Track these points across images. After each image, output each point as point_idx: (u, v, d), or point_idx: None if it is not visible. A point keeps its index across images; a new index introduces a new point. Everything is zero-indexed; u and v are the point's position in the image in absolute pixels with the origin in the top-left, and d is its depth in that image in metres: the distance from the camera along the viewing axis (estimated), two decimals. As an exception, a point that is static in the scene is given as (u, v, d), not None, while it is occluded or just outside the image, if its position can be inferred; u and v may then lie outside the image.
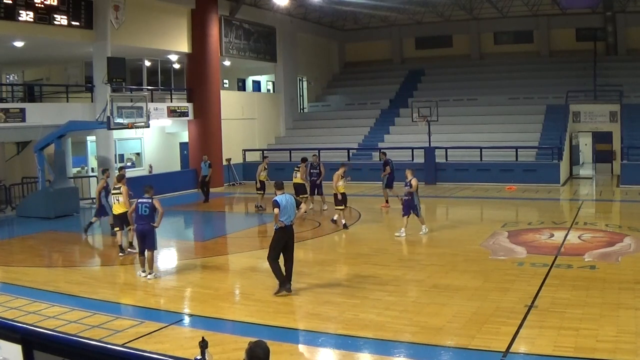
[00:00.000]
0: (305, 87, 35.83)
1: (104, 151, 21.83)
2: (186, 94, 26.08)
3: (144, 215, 11.20)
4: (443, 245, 13.78)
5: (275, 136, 31.85)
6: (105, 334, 8.09)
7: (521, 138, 26.20)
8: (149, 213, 11.20)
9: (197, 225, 19.55)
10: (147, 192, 11.44)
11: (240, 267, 12.81)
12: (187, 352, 7.11)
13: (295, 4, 29.43)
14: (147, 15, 23.14)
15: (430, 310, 8.99)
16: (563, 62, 31.74)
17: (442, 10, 33.22)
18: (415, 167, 25.78)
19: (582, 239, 13.80)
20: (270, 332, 8.19)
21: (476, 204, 21.01)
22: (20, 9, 18.41)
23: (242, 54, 28.70)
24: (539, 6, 31.29)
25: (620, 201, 20.79)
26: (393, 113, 31.46)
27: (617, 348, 7.24)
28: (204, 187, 22.06)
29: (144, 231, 11.28)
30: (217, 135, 26.23)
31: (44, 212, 18.76)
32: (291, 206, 10.14)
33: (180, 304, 10.01)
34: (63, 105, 21.68)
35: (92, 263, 13.79)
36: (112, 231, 14.64)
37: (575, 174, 27.70)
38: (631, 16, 30.85)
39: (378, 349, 7.63)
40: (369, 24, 36.42)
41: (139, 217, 11.29)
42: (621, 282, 10.09)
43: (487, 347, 7.43)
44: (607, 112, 27.19)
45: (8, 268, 12.55)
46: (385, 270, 11.49)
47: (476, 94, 30.82)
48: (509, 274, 10.92)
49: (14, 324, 3.47)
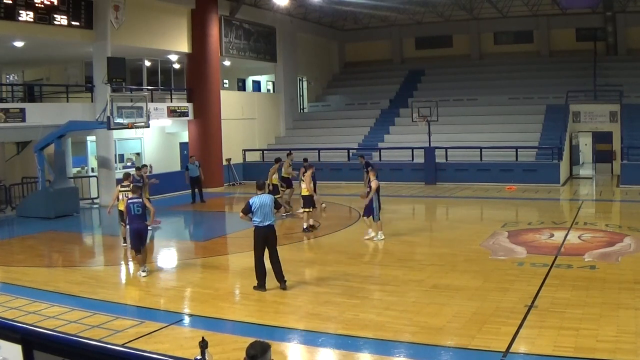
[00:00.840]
0: (305, 87, 35.83)
1: (104, 151, 21.84)
2: (186, 94, 26.09)
3: (138, 214, 11.47)
4: (443, 245, 13.78)
5: (275, 136, 31.85)
6: (105, 334, 8.09)
7: (521, 138, 26.20)
8: (142, 212, 11.51)
9: (197, 225, 19.54)
10: (134, 192, 11.85)
11: (240, 267, 12.80)
12: (187, 352, 7.11)
13: (295, 4, 29.43)
14: (147, 15, 23.15)
15: (430, 310, 8.99)
16: (563, 62, 31.74)
17: (442, 10, 33.22)
18: (415, 167, 26.23)
19: (582, 239, 13.80)
20: (270, 332, 8.19)
21: (476, 204, 21.01)
22: (20, 9, 18.41)
23: (242, 54, 28.70)
24: (539, 6, 31.29)
25: (620, 201, 20.78)
26: (393, 113, 31.47)
27: (617, 348, 7.23)
28: (194, 188, 21.91)
29: (140, 229, 11.56)
30: (217, 135, 26.23)
31: (44, 212, 18.76)
32: (267, 207, 10.24)
33: (180, 304, 10.01)
34: (63, 105, 21.68)
35: (92, 263, 13.79)
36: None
37: (575, 174, 27.71)
38: (631, 16, 30.85)
39: (378, 349, 7.62)
40: (369, 24, 36.43)
41: (134, 217, 11.52)
42: (621, 282, 10.09)
43: (487, 347, 7.43)
44: (607, 112, 27.20)
45: (8, 268, 12.54)
46: (385, 270, 11.49)
47: (476, 94, 30.82)
48: (509, 274, 10.92)
49: (14, 324, 3.47)
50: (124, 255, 13.65)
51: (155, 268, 12.39)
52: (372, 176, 14.50)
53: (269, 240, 10.34)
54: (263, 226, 10.23)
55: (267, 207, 10.25)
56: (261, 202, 10.24)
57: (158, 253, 14.43)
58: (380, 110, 32.37)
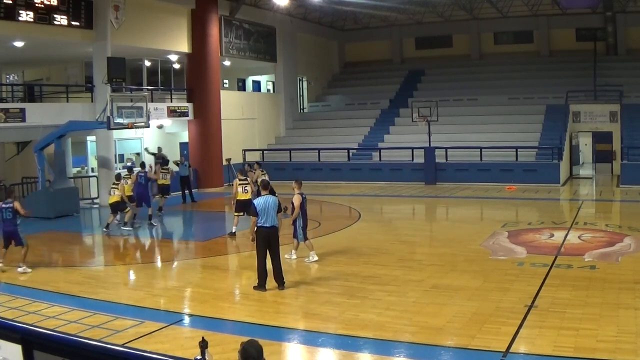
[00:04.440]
0: (305, 87, 35.82)
1: (104, 151, 21.83)
2: (186, 94, 26.09)
3: (8, 219, 11.94)
4: (443, 245, 13.78)
5: (275, 136, 31.85)
6: (105, 334, 8.09)
7: (521, 138, 26.20)
8: (12, 217, 11.93)
9: (196, 225, 19.55)
10: (9, 196, 12.44)
11: (240, 267, 12.82)
12: (187, 352, 7.11)
13: (295, 4, 29.43)
14: (147, 15, 23.14)
15: (430, 310, 8.99)
16: (563, 62, 31.73)
17: (442, 10, 33.22)
18: (415, 167, 26.23)
19: (582, 239, 13.80)
20: (270, 332, 8.19)
21: (476, 204, 21.01)
22: (20, 9, 18.41)
23: (242, 54, 28.70)
24: (539, 6, 31.29)
25: (620, 201, 20.79)
26: (393, 113, 31.46)
27: (617, 348, 7.23)
28: (184, 188, 21.85)
29: (10, 232, 12.00)
30: (217, 135, 26.23)
31: (44, 212, 18.73)
32: (271, 208, 10.25)
33: (180, 304, 10.01)
34: (63, 105, 21.67)
35: (92, 263, 13.79)
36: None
37: (575, 174, 27.71)
38: (631, 16, 30.85)
39: (378, 349, 7.62)
40: (369, 24, 36.42)
41: (5, 221, 12.01)
42: (621, 282, 10.09)
43: (487, 347, 7.42)
44: (607, 112, 27.20)
45: (8, 268, 12.53)
46: (385, 270, 11.48)
47: (476, 94, 30.81)
48: (509, 274, 10.92)
49: (14, 324, 3.47)
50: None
51: (155, 268, 12.39)
52: (296, 189, 12.01)
53: (272, 241, 10.32)
54: (266, 227, 10.21)
55: (270, 208, 10.26)
56: (265, 204, 10.25)
57: (158, 253, 14.43)
58: (380, 110, 32.37)
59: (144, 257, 14.38)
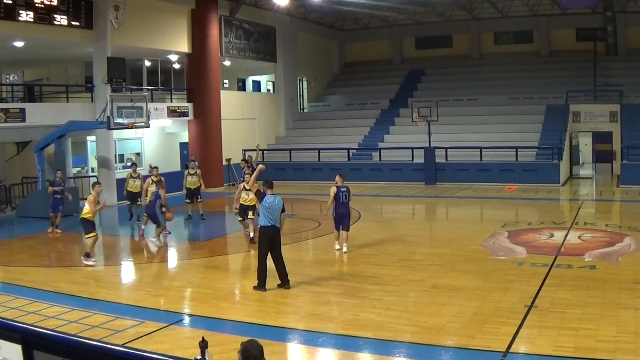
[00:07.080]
0: (305, 87, 35.83)
1: (104, 151, 21.84)
2: (186, 94, 26.10)
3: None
4: (443, 245, 13.78)
5: (275, 136, 31.85)
6: (105, 334, 8.08)
7: (521, 138, 26.21)
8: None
9: (196, 225, 19.53)
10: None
11: (240, 267, 12.82)
12: (187, 352, 7.11)
13: (295, 4, 29.43)
14: (147, 15, 23.14)
15: (430, 310, 8.99)
16: (563, 62, 31.75)
17: (442, 10, 33.22)
18: (415, 167, 26.23)
19: (582, 239, 13.80)
20: (271, 332, 8.19)
21: (476, 204, 21.01)
22: (20, 9, 18.41)
23: (242, 54, 28.70)
24: (539, 6, 31.30)
25: (620, 201, 20.79)
26: (393, 113, 31.47)
27: (617, 348, 7.23)
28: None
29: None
30: (217, 135, 26.24)
31: (44, 212, 18.71)
32: (276, 210, 10.23)
33: (180, 304, 10.01)
34: (63, 105, 21.67)
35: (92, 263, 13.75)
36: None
37: (575, 174, 27.72)
38: (631, 16, 30.86)
39: (378, 349, 7.62)
40: (369, 24, 36.42)
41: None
42: (621, 282, 10.09)
43: (487, 347, 7.42)
44: (607, 112, 27.21)
45: (8, 268, 12.54)
46: (385, 270, 11.48)
47: (476, 94, 30.82)
48: (509, 274, 10.92)
49: (14, 324, 3.47)
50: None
51: (156, 268, 12.39)
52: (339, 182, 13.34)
53: (274, 241, 10.28)
54: (268, 227, 10.18)
55: (276, 209, 10.24)
56: (271, 204, 10.22)
57: (158, 253, 14.42)
58: (380, 110, 32.38)
59: (144, 257, 14.37)
